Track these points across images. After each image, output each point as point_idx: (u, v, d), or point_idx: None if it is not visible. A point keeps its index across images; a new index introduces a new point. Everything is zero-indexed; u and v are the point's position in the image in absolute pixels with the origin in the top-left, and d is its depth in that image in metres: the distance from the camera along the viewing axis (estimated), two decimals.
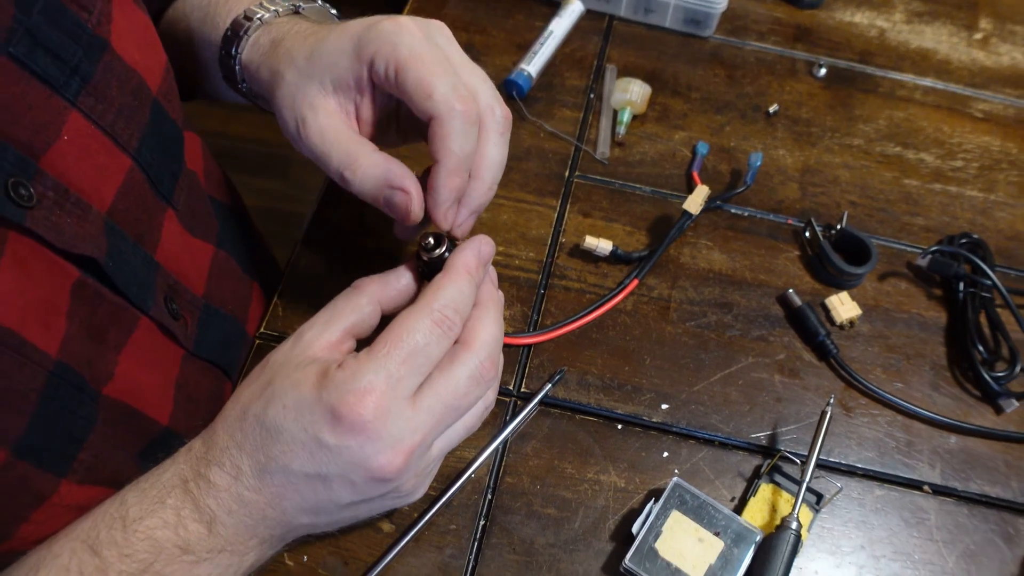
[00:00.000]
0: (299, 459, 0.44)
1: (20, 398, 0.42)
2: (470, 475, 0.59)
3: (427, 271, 0.51)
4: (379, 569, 0.55)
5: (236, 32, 0.58)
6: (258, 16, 0.58)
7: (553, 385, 0.64)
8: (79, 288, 0.46)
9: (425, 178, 0.51)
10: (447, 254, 0.50)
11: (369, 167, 0.50)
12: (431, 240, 0.51)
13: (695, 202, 0.70)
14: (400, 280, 0.52)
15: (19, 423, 0.42)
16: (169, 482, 0.46)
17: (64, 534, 0.45)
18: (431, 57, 0.49)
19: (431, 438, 0.47)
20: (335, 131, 0.51)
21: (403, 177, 0.50)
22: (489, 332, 0.49)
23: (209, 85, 0.67)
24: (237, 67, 0.58)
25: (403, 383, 0.45)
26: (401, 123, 0.57)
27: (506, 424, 0.62)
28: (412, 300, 0.51)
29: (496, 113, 0.52)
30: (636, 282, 0.69)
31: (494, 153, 0.52)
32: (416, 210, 0.51)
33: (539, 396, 0.63)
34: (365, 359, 0.44)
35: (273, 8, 0.58)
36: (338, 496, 0.46)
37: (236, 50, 0.58)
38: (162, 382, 0.56)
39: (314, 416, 0.44)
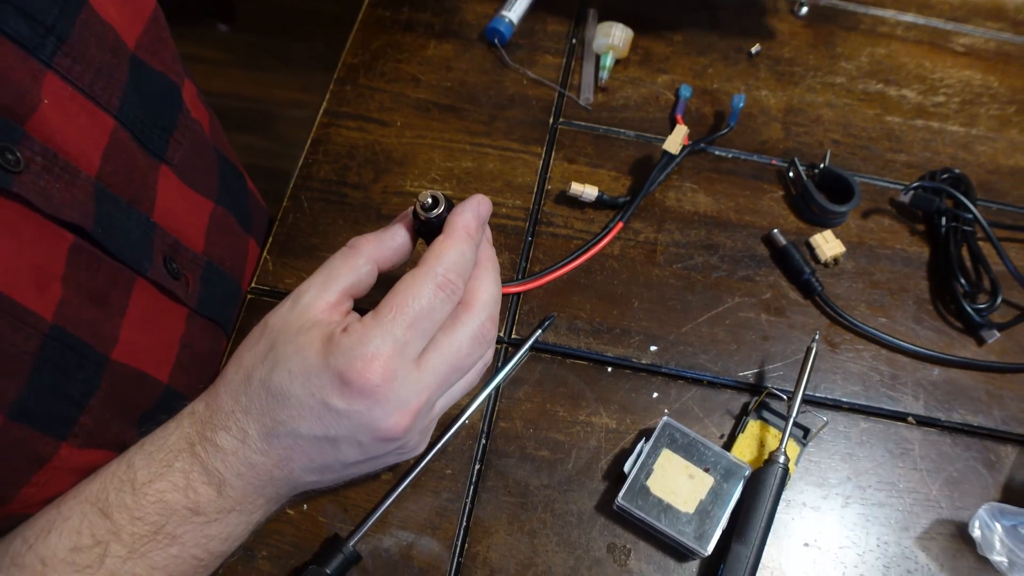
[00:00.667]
0: (307, 423, 0.45)
1: (14, 361, 0.42)
2: (464, 421, 0.60)
3: (424, 230, 0.52)
4: (377, 515, 0.57)
5: None
6: None
7: (543, 331, 0.64)
8: (75, 253, 0.46)
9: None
10: (445, 214, 0.50)
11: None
12: (429, 199, 0.50)
13: (674, 142, 0.70)
14: (395, 238, 0.52)
15: (14, 386, 0.42)
16: (176, 446, 0.47)
17: (72, 496, 0.46)
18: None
19: (435, 397, 0.48)
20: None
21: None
22: (488, 292, 0.50)
23: None
24: None
25: (409, 347, 0.45)
26: None
27: (498, 370, 0.63)
28: (408, 257, 0.52)
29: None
30: (620, 225, 0.70)
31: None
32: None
33: (530, 342, 0.64)
34: (371, 324, 0.45)
35: None
36: (345, 456, 0.47)
37: None
38: (167, 342, 0.56)
39: (322, 381, 0.45)
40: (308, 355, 0.45)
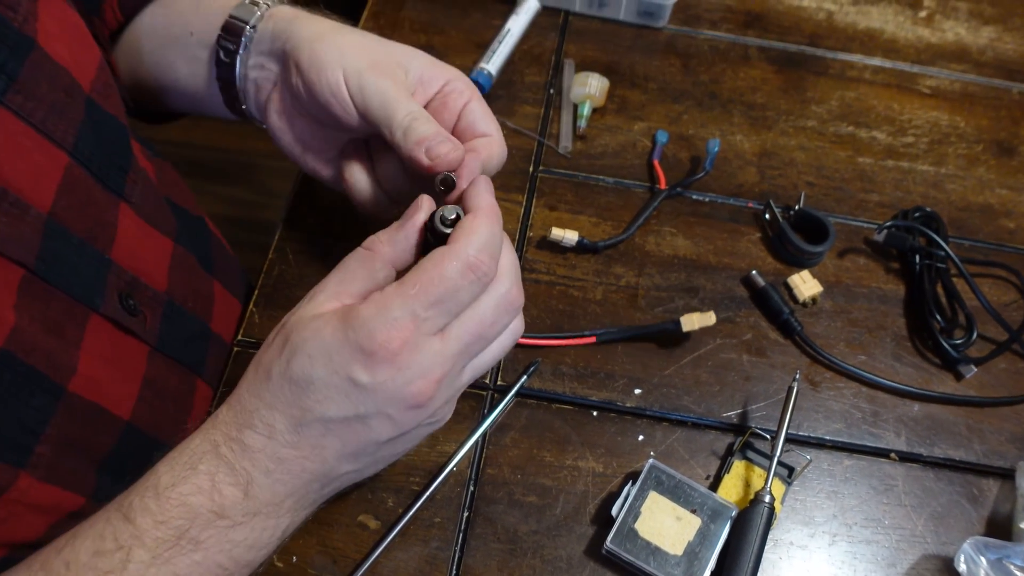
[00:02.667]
0: (335, 404, 0.45)
1: None
2: (452, 468, 0.61)
3: (434, 240, 0.50)
4: (366, 566, 0.57)
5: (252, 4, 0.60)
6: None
7: (528, 376, 0.65)
8: (26, 284, 0.46)
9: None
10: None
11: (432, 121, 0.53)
12: (453, 216, 0.49)
13: (692, 322, 0.67)
14: (409, 239, 0.50)
15: None
16: (199, 448, 0.46)
17: (104, 507, 0.46)
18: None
19: (460, 365, 0.48)
20: (406, 86, 0.56)
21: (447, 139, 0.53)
22: (509, 259, 0.49)
23: (184, 83, 0.67)
24: (244, 40, 0.59)
25: (429, 322, 0.45)
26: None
27: (484, 417, 0.63)
28: (418, 258, 0.51)
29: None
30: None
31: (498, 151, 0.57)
32: (456, 159, 0.53)
33: (515, 388, 0.64)
34: (392, 295, 0.45)
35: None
36: (378, 434, 0.47)
37: (253, 24, 0.60)
38: (126, 378, 0.56)
39: (343, 357, 0.44)
40: (325, 335, 0.45)
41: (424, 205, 0.50)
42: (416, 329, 0.44)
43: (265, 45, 0.59)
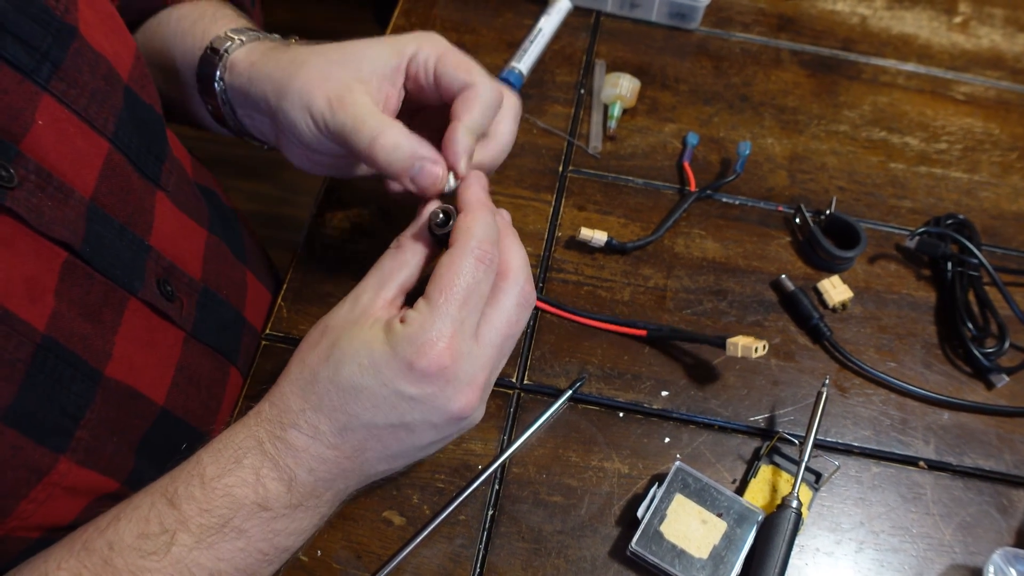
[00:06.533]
0: (382, 412, 0.48)
1: (7, 366, 0.43)
2: (494, 469, 0.60)
3: (435, 240, 0.54)
4: (394, 563, 0.57)
5: (227, 37, 0.60)
6: (244, 35, 0.61)
7: (574, 391, 0.65)
8: (68, 268, 0.48)
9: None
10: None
11: (401, 138, 0.53)
12: (441, 215, 0.53)
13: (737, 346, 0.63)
14: (424, 231, 0.54)
15: (6, 390, 0.43)
16: (244, 443, 0.48)
17: (142, 490, 0.47)
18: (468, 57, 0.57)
19: (496, 368, 0.51)
20: (368, 107, 0.54)
21: (431, 150, 0.54)
22: (518, 256, 0.52)
23: (180, 101, 0.68)
24: (219, 69, 0.60)
25: (466, 324, 0.48)
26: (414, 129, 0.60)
27: (534, 421, 0.63)
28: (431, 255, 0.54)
29: (514, 102, 0.61)
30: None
31: (507, 126, 0.60)
32: (443, 177, 0.54)
33: (562, 398, 0.64)
34: (427, 311, 0.47)
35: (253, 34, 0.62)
36: (420, 440, 0.50)
37: (224, 51, 0.60)
38: (161, 363, 0.57)
39: (392, 371, 0.47)
40: (375, 347, 0.47)
41: (425, 219, 0.54)
42: (459, 335, 0.47)
43: (241, 100, 0.60)
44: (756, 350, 0.60)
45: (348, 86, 0.54)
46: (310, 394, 0.48)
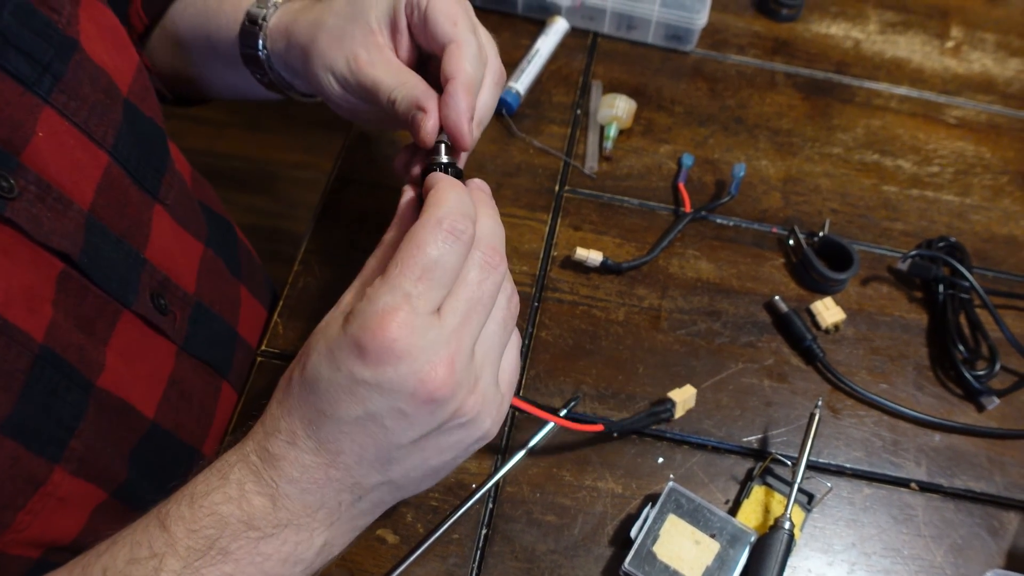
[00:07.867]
0: (343, 403, 0.43)
1: (6, 376, 0.43)
2: (487, 488, 0.61)
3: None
4: None
5: (263, 4, 0.61)
6: None
7: (568, 410, 0.65)
8: (64, 279, 0.48)
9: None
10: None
11: (414, 86, 0.53)
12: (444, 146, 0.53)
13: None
14: (405, 219, 0.52)
15: (6, 400, 0.43)
16: (232, 459, 0.46)
17: (147, 512, 0.46)
18: (457, 2, 0.54)
19: (467, 343, 0.45)
20: (387, 61, 0.54)
21: (427, 98, 0.52)
22: (484, 224, 0.47)
23: (221, 76, 0.69)
24: (261, 38, 0.61)
25: (422, 299, 0.43)
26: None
27: (528, 441, 0.63)
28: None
29: (495, 66, 0.56)
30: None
31: (487, 98, 0.56)
32: (429, 128, 0.52)
33: (557, 417, 0.64)
34: (378, 283, 0.43)
35: None
36: (395, 435, 0.44)
37: (263, 20, 0.61)
38: (152, 376, 0.57)
39: (343, 353, 0.42)
40: (330, 332, 0.44)
41: (409, 190, 0.53)
42: (410, 310, 0.42)
43: (282, 64, 0.61)
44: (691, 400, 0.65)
45: (363, 42, 0.54)
46: (284, 398, 0.45)
